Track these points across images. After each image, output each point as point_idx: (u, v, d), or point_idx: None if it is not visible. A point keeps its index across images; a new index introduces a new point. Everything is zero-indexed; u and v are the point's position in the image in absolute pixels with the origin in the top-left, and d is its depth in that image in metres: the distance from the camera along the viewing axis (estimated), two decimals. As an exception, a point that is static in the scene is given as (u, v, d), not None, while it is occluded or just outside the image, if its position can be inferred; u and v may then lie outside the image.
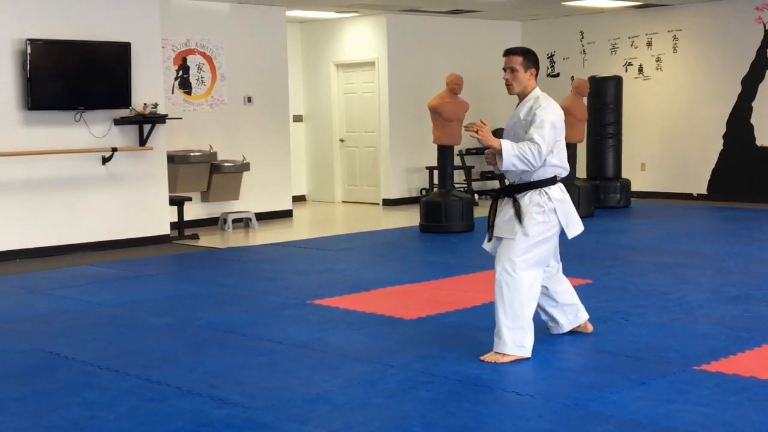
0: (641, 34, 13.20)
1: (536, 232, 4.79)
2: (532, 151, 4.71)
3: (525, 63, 4.91)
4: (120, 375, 4.72)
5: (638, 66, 13.27)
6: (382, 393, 4.32)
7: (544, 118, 4.77)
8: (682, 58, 12.85)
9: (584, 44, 13.86)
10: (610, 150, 12.15)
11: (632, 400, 4.13)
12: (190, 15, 10.92)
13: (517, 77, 4.91)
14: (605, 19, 13.48)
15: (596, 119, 12.09)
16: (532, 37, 14.43)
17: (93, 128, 9.20)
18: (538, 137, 4.73)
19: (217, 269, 8.07)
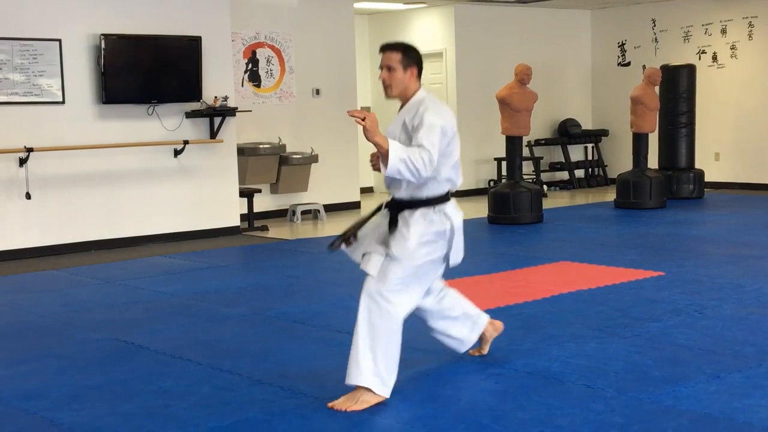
0: (715, 21, 12.92)
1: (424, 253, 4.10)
2: (422, 158, 3.93)
3: (404, 60, 4.18)
4: (192, 364, 4.80)
5: (712, 54, 12.98)
6: (451, 385, 4.31)
7: (434, 122, 4.05)
8: (757, 46, 12.54)
9: (656, 32, 13.61)
10: (683, 140, 11.93)
11: (707, 394, 4.05)
12: (259, 8, 11.02)
13: (395, 77, 4.17)
14: (678, 7, 13.21)
15: (669, 108, 11.87)
16: (602, 25, 14.23)
17: (165, 121, 9.35)
18: (427, 143, 3.98)
19: (286, 260, 8.14)
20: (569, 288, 6.41)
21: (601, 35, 14.29)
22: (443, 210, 4.18)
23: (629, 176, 11.02)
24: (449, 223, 4.16)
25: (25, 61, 8.49)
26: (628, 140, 11.87)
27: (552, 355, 4.73)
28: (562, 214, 10.80)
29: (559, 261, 7.59)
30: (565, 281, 6.66)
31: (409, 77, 4.21)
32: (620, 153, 13.90)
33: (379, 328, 4.06)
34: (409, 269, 4.08)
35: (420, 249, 4.09)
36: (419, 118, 4.09)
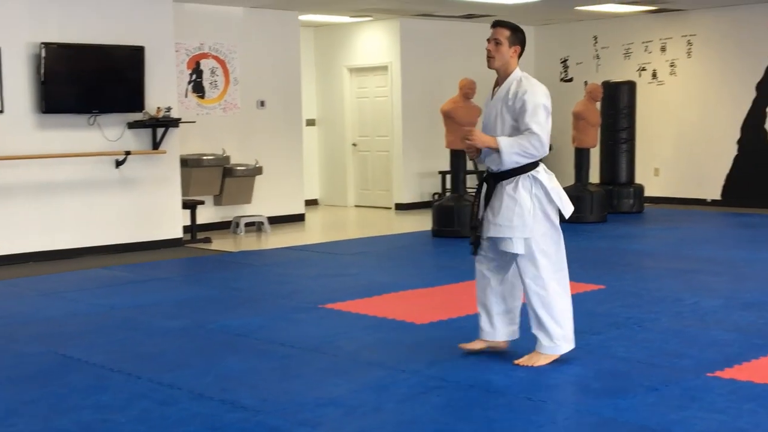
0: (655, 39, 13.17)
1: (543, 226, 4.67)
2: (532, 144, 4.55)
3: (511, 38, 4.67)
4: (132, 378, 4.73)
5: (652, 71, 13.23)
6: (393, 398, 4.31)
7: (537, 102, 4.57)
8: (696, 63, 12.80)
9: (598, 49, 13.82)
10: (624, 155, 12.12)
11: (645, 406, 4.10)
12: (204, 19, 10.95)
13: (501, 50, 4.66)
14: (619, 24, 13.44)
15: (610, 124, 12.05)
16: (545, 41, 14.41)
17: (107, 132, 9.23)
18: (535, 126, 4.55)
19: (229, 273, 8.08)
20: (512, 301, 6.45)
21: (544, 51, 14.47)
22: (534, 176, 4.65)
23: (571, 190, 11.15)
24: (540, 186, 4.65)
25: (-37, 68, 8.33)
26: (570, 155, 12.03)
27: (494, 367, 4.75)
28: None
29: (501, 274, 7.63)
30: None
31: (512, 54, 4.68)
32: (562, 167, 14.04)
33: (550, 305, 4.66)
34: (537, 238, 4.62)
35: (532, 219, 4.61)
36: (521, 101, 4.59)
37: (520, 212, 4.61)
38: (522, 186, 4.64)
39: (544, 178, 4.68)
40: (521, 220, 4.61)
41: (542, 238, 4.66)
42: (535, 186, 4.66)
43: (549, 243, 4.68)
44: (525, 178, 4.65)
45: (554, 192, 4.68)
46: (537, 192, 4.65)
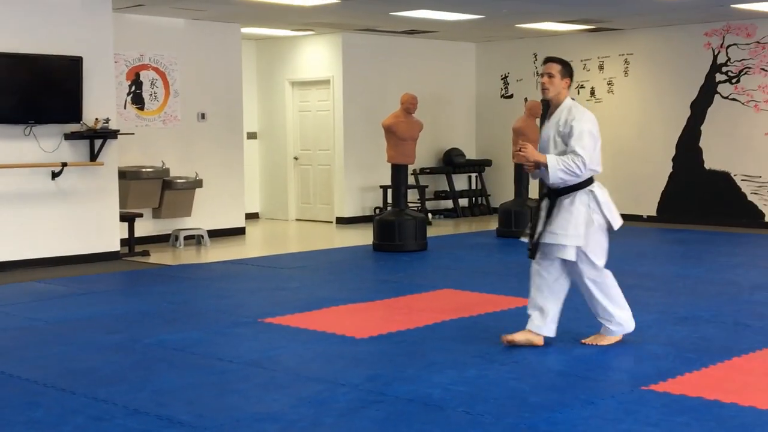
0: (593, 58, 13.39)
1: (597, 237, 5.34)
2: (576, 164, 5.18)
3: (562, 71, 5.37)
4: (66, 394, 4.64)
5: (590, 89, 13.44)
6: (332, 412, 4.30)
7: (582, 128, 5.22)
8: (633, 82, 13.05)
9: (537, 66, 14.00)
10: (563, 171, 12.25)
11: (581, 419, 4.15)
12: (144, 30, 10.85)
13: (554, 82, 5.34)
14: (558, 42, 13.64)
15: (549, 140, 12.19)
16: (486, 58, 14.56)
17: (43, 143, 9.08)
18: (579, 149, 5.18)
19: (167, 286, 7.99)
20: (451, 315, 6.49)
21: (485, 68, 14.62)
22: (590, 191, 5.30)
23: (511, 206, 11.28)
24: (594, 199, 5.30)
25: None
26: (510, 170, 12.14)
27: (433, 381, 4.77)
28: (446, 242, 10.95)
29: (442, 288, 7.68)
30: (448, 309, 6.74)
31: (564, 85, 5.39)
32: (503, 183, 14.21)
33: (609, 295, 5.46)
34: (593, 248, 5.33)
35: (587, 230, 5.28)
36: (569, 127, 5.25)
37: (575, 222, 5.28)
38: (579, 200, 5.30)
39: (599, 193, 5.34)
40: (576, 230, 5.28)
41: (596, 246, 5.34)
42: (591, 200, 5.31)
43: (600, 251, 5.38)
44: (582, 193, 5.31)
45: (605, 206, 5.36)
46: (592, 205, 5.31)
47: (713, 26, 12.25)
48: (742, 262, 9.06)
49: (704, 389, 4.59)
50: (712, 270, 8.62)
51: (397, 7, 10.64)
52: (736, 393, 4.53)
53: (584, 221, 5.28)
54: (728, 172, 12.29)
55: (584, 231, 5.28)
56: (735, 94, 12.18)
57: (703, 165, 12.49)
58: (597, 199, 5.32)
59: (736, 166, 12.23)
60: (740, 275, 8.24)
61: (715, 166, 12.39)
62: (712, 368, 5.03)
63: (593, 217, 5.31)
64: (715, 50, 12.28)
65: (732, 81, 12.20)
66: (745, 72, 12.08)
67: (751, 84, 12.02)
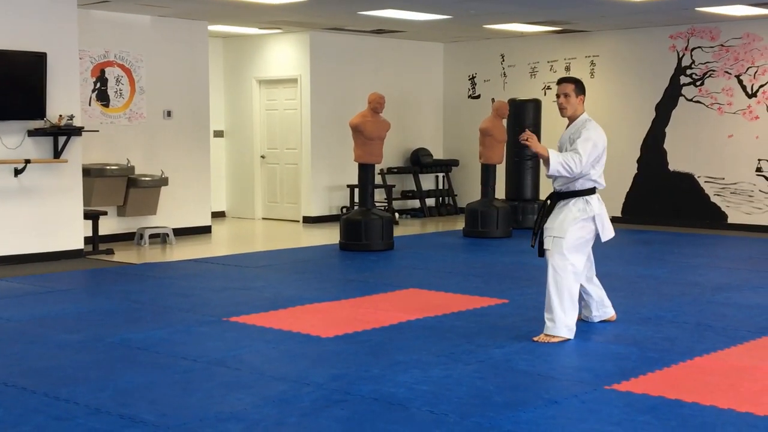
0: (560, 59, 13.47)
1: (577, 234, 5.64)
2: (573, 160, 5.54)
3: (577, 90, 5.75)
4: (26, 393, 4.59)
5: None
6: (296, 411, 4.28)
7: (589, 136, 5.62)
8: (598, 84, 13.14)
9: (505, 67, 14.06)
10: (529, 171, 12.34)
11: (545, 419, 4.17)
12: (110, 26, 10.76)
13: (570, 101, 5.74)
14: (525, 44, 13.71)
15: (515, 141, 12.20)
16: (454, 58, 14.60)
17: (5, 139, 8.96)
18: (581, 149, 5.56)
19: (131, 285, 7.92)
20: (417, 315, 6.50)
21: (452, 68, 14.66)
22: (587, 200, 5.68)
23: (477, 206, 11.32)
24: (592, 210, 5.66)
25: None
26: (477, 170, 12.19)
27: (398, 380, 4.77)
28: (412, 241, 10.96)
29: (408, 288, 7.68)
30: (413, 308, 6.75)
31: (579, 102, 5.79)
32: (470, 183, 14.25)
33: (561, 287, 5.60)
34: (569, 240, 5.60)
35: (571, 226, 5.62)
36: (578, 133, 5.69)
37: (562, 218, 5.66)
38: (573, 204, 5.69)
39: (595, 204, 5.71)
40: (561, 224, 5.64)
41: (573, 239, 5.62)
42: (586, 207, 5.67)
43: (574, 246, 5.63)
44: (579, 200, 5.69)
45: (599, 217, 5.71)
46: (586, 210, 5.65)
47: (678, 29, 12.37)
48: (705, 263, 9.16)
49: (666, 389, 4.64)
50: (675, 271, 8.70)
51: (364, 7, 10.63)
52: (698, 392, 4.57)
53: (572, 219, 5.63)
54: (692, 174, 12.42)
55: (568, 226, 5.61)
56: (699, 96, 12.31)
57: (668, 166, 12.61)
58: (591, 208, 5.66)
59: (700, 167, 12.36)
60: (703, 276, 8.33)
61: (679, 167, 12.51)
62: (674, 368, 5.08)
63: (582, 221, 5.65)
64: (680, 53, 12.41)
65: (696, 83, 12.33)
66: (709, 75, 12.21)
67: (715, 87, 12.16)
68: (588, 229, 5.71)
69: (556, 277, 5.63)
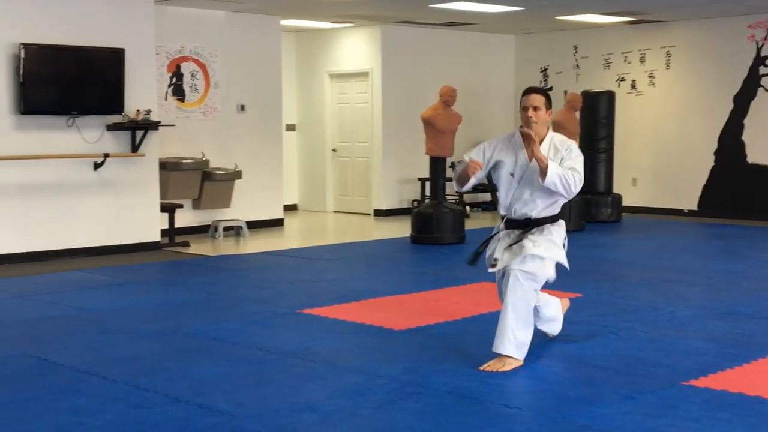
0: (634, 50, 13.26)
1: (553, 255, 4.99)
2: (575, 178, 4.92)
3: (547, 103, 5.09)
4: (107, 381, 4.70)
5: (631, 81, 13.32)
6: (370, 403, 4.31)
7: (580, 155, 5.05)
8: (674, 75, 12.90)
9: (578, 59, 13.90)
10: (602, 164, 12.19)
11: (620, 414, 4.12)
12: (185, 22, 10.93)
13: (540, 116, 5.05)
14: (599, 35, 13.53)
15: (588, 134, 12.12)
16: (525, 50, 14.48)
17: (85, 134, 9.18)
18: (579, 167, 4.98)
19: (206, 277, 8.05)
20: (489, 308, 6.46)
21: (524, 60, 14.54)
22: (561, 223, 5.15)
23: (550, 199, 11.20)
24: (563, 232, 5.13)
25: (-60, 68, 8.27)
26: (549, 164, 12.07)
27: (471, 374, 4.76)
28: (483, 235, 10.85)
29: (480, 282, 7.65)
30: (485, 301, 6.72)
31: (548, 117, 5.10)
32: (541, 176, 14.11)
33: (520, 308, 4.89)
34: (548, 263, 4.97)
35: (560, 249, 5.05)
36: (568, 149, 5.05)
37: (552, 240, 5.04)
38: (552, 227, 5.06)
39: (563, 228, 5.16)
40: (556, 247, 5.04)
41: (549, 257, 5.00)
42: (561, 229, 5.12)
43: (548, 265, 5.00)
44: (556, 225, 5.10)
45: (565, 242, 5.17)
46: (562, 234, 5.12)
47: (757, 18, 12.07)
48: (784, 258, 8.95)
49: (746, 385, 4.54)
50: (753, 265, 8.51)
51: (436, -1, 10.61)
52: (779, 390, 4.48)
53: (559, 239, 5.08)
54: (771, 167, 12.13)
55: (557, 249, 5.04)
56: (779, 87, 12.01)
57: (746, 159, 12.32)
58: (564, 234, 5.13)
59: (780, 160, 12.07)
60: (783, 271, 8.14)
61: (758, 159, 12.21)
62: (753, 364, 4.98)
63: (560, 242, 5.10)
64: (759, 42, 12.11)
65: (776, 74, 12.03)
66: (789, 65, 11.90)
67: (795, 77, 11.85)
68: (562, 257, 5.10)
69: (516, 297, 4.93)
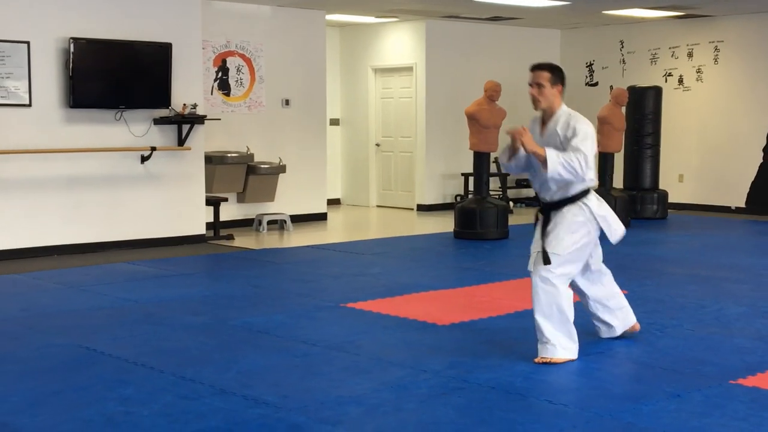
0: (682, 45, 13.10)
1: (571, 241, 4.85)
2: (578, 160, 4.70)
3: (552, 79, 4.89)
4: (155, 372, 4.76)
5: (678, 77, 13.16)
6: (414, 398, 4.32)
7: (587, 131, 4.80)
8: (723, 70, 12.73)
9: (624, 54, 13.77)
10: (648, 160, 12.07)
11: (667, 412, 4.09)
12: (231, 17, 11.01)
13: (544, 93, 4.87)
14: (646, 29, 13.39)
15: (635, 129, 12.01)
16: (571, 45, 14.37)
17: (133, 127, 9.29)
18: (583, 147, 4.74)
19: (251, 270, 8.11)
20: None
21: (569, 55, 14.43)
22: (585, 202, 4.86)
23: (594, 195, 11.12)
24: (589, 211, 4.85)
25: (-7, 62, 8.41)
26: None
27: (515, 370, 4.75)
28: (527, 230, 10.79)
29: (524, 277, 7.61)
30: (529, 297, 6.68)
31: (556, 94, 4.90)
32: (586, 172, 14.01)
33: (551, 306, 4.79)
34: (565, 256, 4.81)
35: (569, 238, 4.82)
36: (572, 129, 4.80)
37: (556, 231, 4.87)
38: (569, 210, 4.87)
39: (594, 205, 4.90)
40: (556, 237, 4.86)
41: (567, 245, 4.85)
42: (583, 212, 4.87)
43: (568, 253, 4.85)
44: (574, 206, 4.87)
45: (601, 219, 4.91)
46: (582, 214, 4.87)
47: (809, 12, 11.88)
48: (835, 256, 8.80)
49: (795, 385, 4.49)
50: (803, 263, 8.38)
51: (481, -6, 10.57)
52: (829, 390, 4.41)
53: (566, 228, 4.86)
54: (822, 163, 11.93)
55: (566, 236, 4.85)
56: (831, 82, 11.80)
57: (796, 155, 12.14)
58: (592, 211, 4.88)
59: (831, 157, 11.86)
60: (833, 269, 8.00)
61: (808, 156, 12.03)
62: (803, 364, 4.91)
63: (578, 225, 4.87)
64: (811, 37, 11.91)
65: (828, 69, 11.82)
66: (841, 60, 11.68)
67: None
68: (585, 234, 4.89)
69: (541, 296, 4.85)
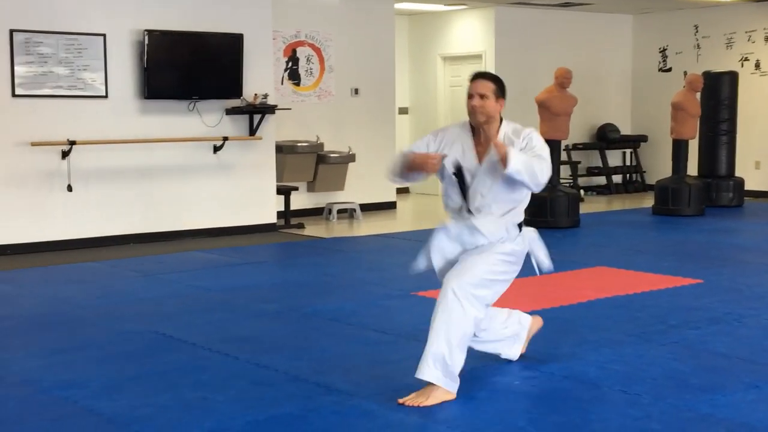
0: (759, 29, 12.77)
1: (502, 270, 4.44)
2: (541, 166, 4.14)
3: (497, 91, 4.33)
4: (230, 359, 4.84)
5: (755, 61, 12.84)
6: (486, 387, 4.31)
7: (543, 142, 4.33)
8: (802, 54, 12.39)
9: (698, 38, 13.48)
10: (724, 147, 11.81)
11: (745, 403, 4.02)
12: (301, 7, 11.07)
13: (487, 104, 4.27)
14: (721, 13, 13.09)
15: (710, 115, 11.76)
16: (644, 30, 14.13)
17: (205, 117, 9.42)
18: (545, 155, 4.23)
19: (321, 258, 8.18)
20: (606, 293, 6.38)
21: (642, 40, 14.19)
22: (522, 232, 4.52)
23: (668, 182, 10.94)
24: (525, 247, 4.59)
25: (70, 55, 8.60)
26: (667, 146, 11.79)
27: (588, 359, 4.71)
28: (599, 219, 10.74)
29: (595, 266, 7.55)
30: (602, 286, 6.63)
31: (499, 108, 4.36)
32: (659, 159, 13.79)
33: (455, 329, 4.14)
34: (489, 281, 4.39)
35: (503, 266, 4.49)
36: (528, 139, 4.30)
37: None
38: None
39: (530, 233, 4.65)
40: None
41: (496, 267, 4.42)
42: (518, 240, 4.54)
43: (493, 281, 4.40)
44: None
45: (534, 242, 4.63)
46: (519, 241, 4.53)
47: None
48: None
49: None
50: None
51: (552, -20, 10.45)
52: None
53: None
54: None
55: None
56: None
57: None
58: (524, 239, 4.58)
59: None
60: None
61: None
62: None
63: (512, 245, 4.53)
64: None
65: None
66: None
67: None
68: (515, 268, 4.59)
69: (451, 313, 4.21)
